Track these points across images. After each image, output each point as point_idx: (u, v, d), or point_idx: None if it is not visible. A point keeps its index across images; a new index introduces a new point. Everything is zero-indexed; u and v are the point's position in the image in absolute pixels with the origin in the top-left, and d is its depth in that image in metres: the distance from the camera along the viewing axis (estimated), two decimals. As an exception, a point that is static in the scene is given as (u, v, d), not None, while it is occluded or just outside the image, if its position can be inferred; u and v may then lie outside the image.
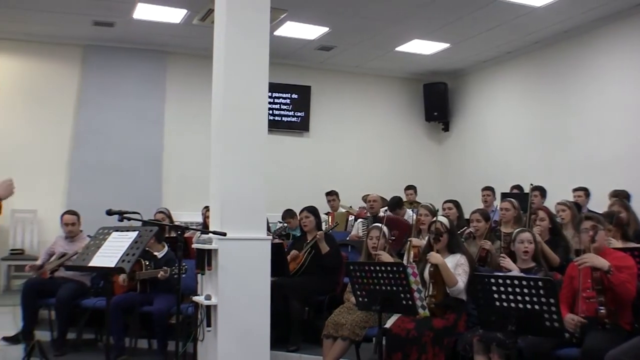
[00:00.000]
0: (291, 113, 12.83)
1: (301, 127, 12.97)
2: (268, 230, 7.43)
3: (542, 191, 9.06)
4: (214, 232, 5.56)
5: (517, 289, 4.14)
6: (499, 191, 9.58)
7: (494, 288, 4.25)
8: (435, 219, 5.88)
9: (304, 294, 7.02)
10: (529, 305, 4.11)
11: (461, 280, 5.41)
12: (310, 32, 11.02)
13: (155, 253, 7.10)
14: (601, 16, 9.89)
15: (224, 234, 5.49)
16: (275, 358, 6.27)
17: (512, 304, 4.18)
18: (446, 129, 13.92)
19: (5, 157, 10.43)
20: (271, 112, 12.04)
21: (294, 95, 12.85)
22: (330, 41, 11.51)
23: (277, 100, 12.61)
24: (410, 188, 11.41)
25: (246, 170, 5.82)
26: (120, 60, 11.57)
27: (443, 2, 9.38)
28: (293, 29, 10.79)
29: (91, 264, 4.75)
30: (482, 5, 9.42)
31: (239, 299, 5.59)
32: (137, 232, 4.81)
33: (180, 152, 11.78)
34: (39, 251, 9.24)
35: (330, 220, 10.07)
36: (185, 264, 5.66)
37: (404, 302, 4.84)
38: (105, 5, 9.58)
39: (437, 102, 13.65)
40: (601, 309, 4.57)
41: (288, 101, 12.78)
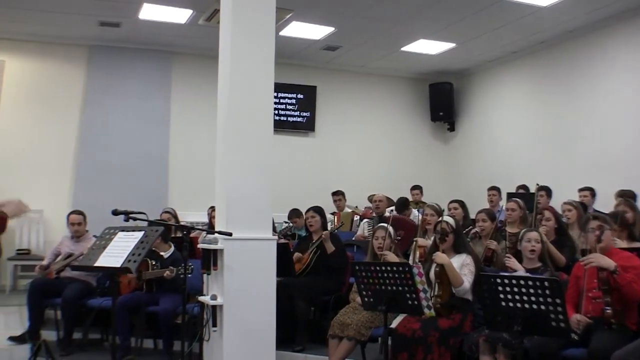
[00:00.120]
0: (297, 113, 12.83)
1: (307, 127, 12.96)
2: (274, 230, 7.42)
3: (548, 191, 9.05)
4: (220, 232, 5.56)
5: (523, 289, 4.14)
6: (504, 191, 9.56)
7: (500, 288, 4.24)
8: (441, 219, 5.88)
9: (309, 294, 7.02)
10: (535, 306, 4.10)
11: (467, 280, 5.40)
12: (315, 32, 11.01)
13: (161, 253, 7.09)
14: (606, 16, 9.86)
15: (230, 234, 5.49)
16: (281, 358, 6.27)
17: (518, 304, 4.17)
18: (452, 128, 13.91)
19: (11, 157, 10.49)
20: (277, 112, 12.06)
21: (300, 96, 12.85)
22: (335, 41, 11.50)
23: (282, 100, 12.61)
24: (417, 188, 11.40)
25: (252, 170, 5.82)
26: (125, 60, 11.59)
27: (449, 2, 9.37)
28: (298, 29, 10.79)
29: (97, 264, 4.75)
30: (487, 5, 9.41)
31: (244, 299, 5.59)
32: (143, 232, 4.82)
33: (186, 152, 11.79)
34: (45, 251, 9.25)
35: (336, 220, 10.07)
36: (192, 264, 5.66)
37: (409, 302, 4.84)
38: (111, 6, 9.60)
39: (443, 102, 13.64)
40: (607, 309, 4.56)
41: (294, 101, 12.78)
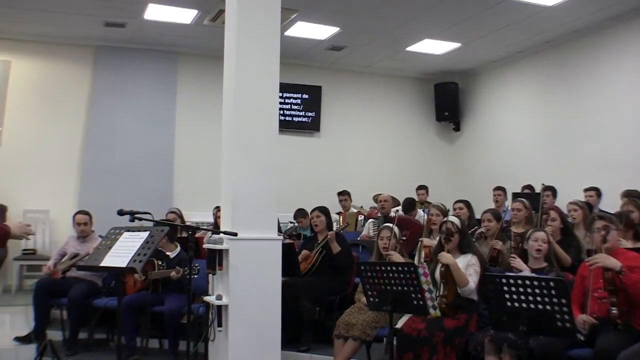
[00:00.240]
0: (302, 113, 12.83)
1: (312, 127, 12.96)
2: (279, 231, 7.43)
3: (553, 191, 9.04)
4: (225, 232, 5.56)
5: (529, 289, 4.13)
6: (510, 191, 9.55)
7: (505, 288, 4.24)
8: (446, 219, 5.87)
9: (315, 294, 7.02)
10: (540, 306, 4.10)
11: (472, 281, 5.40)
12: (320, 32, 11.01)
13: (167, 253, 7.10)
14: (612, 16, 9.84)
15: (235, 234, 5.49)
16: (286, 358, 6.27)
17: (524, 304, 4.17)
18: (457, 128, 13.89)
19: (17, 157, 10.52)
20: (282, 112, 12.07)
21: (305, 96, 12.85)
22: (340, 41, 11.50)
23: (287, 101, 12.61)
24: (422, 188, 11.41)
25: (257, 171, 5.82)
26: (131, 60, 11.61)
27: (454, 1, 9.36)
28: (304, 29, 10.80)
29: (103, 264, 4.76)
30: (492, 4, 9.39)
31: (250, 299, 5.59)
32: (149, 232, 4.82)
33: (191, 152, 11.80)
34: (51, 251, 9.28)
35: (341, 220, 10.07)
36: (197, 264, 5.66)
37: (415, 302, 4.83)
38: (116, 6, 9.61)
39: (448, 102, 13.62)
40: (613, 310, 4.55)
41: (299, 101, 12.79)
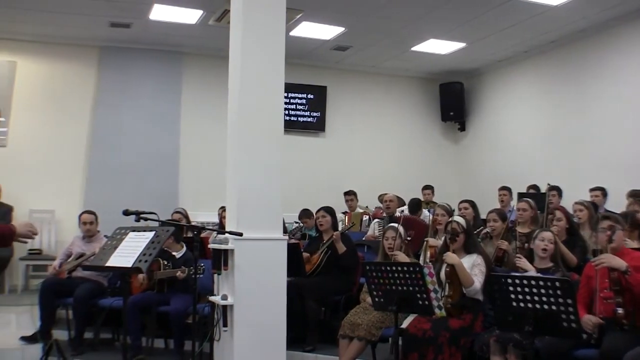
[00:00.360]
0: (307, 113, 12.84)
1: (317, 127, 12.97)
2: (284, 231, 7.43)
3: (558, 191, 9.01)
4: (231, 232, 5.56)
5: (534, 289, 4.12)
6: (515, 191, 9.53)
7: (511, 288, 4.23)
8: (452, 219, 5.87)
9: (320, 294, 7.02)
10: (546, 306, 4.09)
11: (477, 281, 5.39)
12: (325, 32, 11.01)
13: (173, 253, 7.12)
14: (617, 15, 9.81)
15: (240, 234, 5.49)
16: (292, 358, 6.27)
17: (529, 305, 4.16)
18: (462, 128, 13.87)
19: (23, 157, 10.54)
20: (287, 112, 12.05)
21: (310, 96, 12.85)
22: (346, 41, 11.50)
23: (293, 101, 12.62)
24: (428, 188, 11.39)
25: (262, 171, 5.82)
26: (136, 61, 11.63)
27: (459, 1, 9.35)
28: (309, 29, 10.80)
29: (108, 264, 4.75)
30: (497, 4, 9.38)
31: (255, 299, 5.59)
32: (154, 232, 4.81)
33: (196, 152, 11.81)
34: (57, 251, 9.30)
35: (347, 220, 10.06)
36: (203, 264, 5.67)
37: (420, 302, 4.83)
38: (121, 7, 9.63)
39: (453, 101, 13.61)
40: (619, 310, 4.53)
41: (304, 101, 12.79)
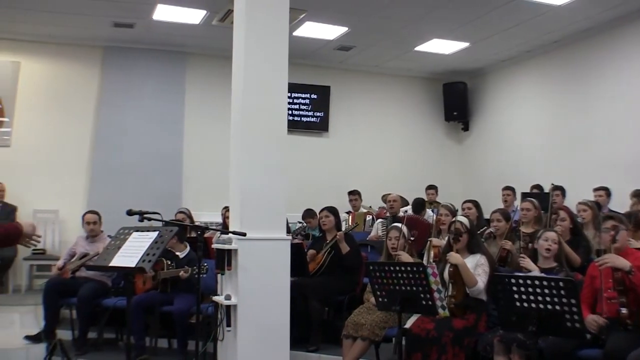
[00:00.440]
0: (310, 113, 12.83)
1: (320, 127, 12.95)
2: (287, 231, 7.43)
3: (562, 191, 9.00)
4: (234, 232, 5.57)
5: (538, 289, 4.12)
6: (519, 191, 9.52)
7: (515, 288, 4.23)
8: (455, 219, 5.86)
9: (323, 294, 7.02)
10: (549, 306, 4.09)
11: (481, 281, 5.38)
12: (329, 32, 11.01)
13: (177, 253, 7.12)
14: (620, 15, 9.79)
15: (244, 234, 5.50)
16: (295, 358, 6.28)
17: (533, 305, 4.15)
18: (466, 128, 13.86)
19: (27, 158, 10.55)
20: (290, 112, 12.06)
21: (313, 96, 12.84)
22: (349, 41, 11.49)
23: (296, 101, 12.61)
24: (432, 188, 11.39)
25: (266, 171, 5.83)
26: (139, 61, 11.63)
27: (462, 1, 9.34)
28: (312, 29, 10.79)
29: (112, 264, 4.76)
30: (501, 4, 9.36)
31: (258, 299, 5.60)
32: (158, 232, 4.82)
33: (200, 152, 11.81)
34: (61, 251, 9.31)
35: (350, 220, 10.06)
36: (206, 264, 5.67)
37: (423, 302, 4.83)
38: (125, 7, 9.63)
39: (457, 101, 13.59)
40: (623, 310, 4.53)
41: (307, 101, 12.78)
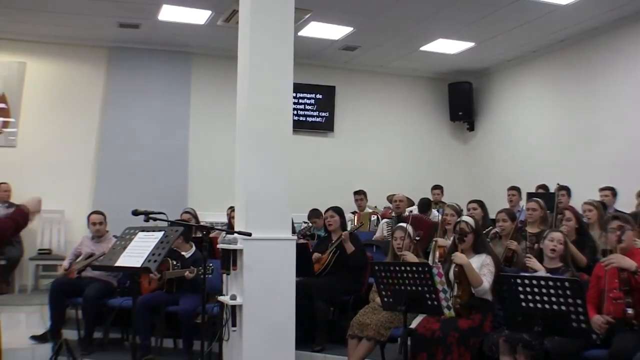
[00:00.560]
0: (316, 113, 12.83)
1: (326, 127, 12.96)
2: (293, 231, 7.43)
3: (568, 191, 8.98)
4: (239, 232, 5.57)
5: (544, 290, 4.11)
6: (524, 191, 9.50)
7: (520, 288, 4.22)
8: (460, 219, 5.86)
9: (329, 294, 7.01)
10: (555, 306, 4.07)
11: (486, 281, 5.37)
12: (334, 32, 11.01)
13: (182, 253, 7.12)
14: (625, 15, 9.78)
15: (249, 234, 5.50)
16: (300, 358, 6.27)
17: (539, 305, 4.14)
18: (471, 128, 13.84)
19: (33, 158, 10.57)
20: (296, 112, 12.04)
21: (319, 96, 12.85)
22: (354, 41, 11.49)
23: (301, 101, 12.62)
24: (437, 188, 11.38)
25: (271, 171, 5.83)
26: (145, 61, 11.65)
27: (467, 1, 9.33)
28: (317, 29, 10.79)
29: (117, 263, 4.77)
30: (506, 4, 9.35)
31: (264, 299, 5.60)
32: (163, 232, 4.83)
33: (205, 152, 11.83)
34: (66, 251, 9.33)
35: (356, 220, 10.05)
36: (211, 264, 5.67)
37: (429, 302, 4.82)
38: (130, 7, 9.65)
39: (462, 101, 13.57)
40: (629, 310, 4.52)
41: (312, 101, 12.79)
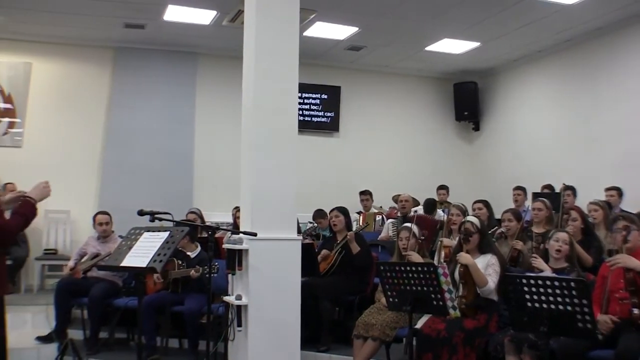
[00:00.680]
0: (321, 113, 12.83)
1: (331, 127, 12.95)
2: (298, 231, 7.43)
3: (573, 191, 8.96)
4: (245, 233, 5.58)
5: (549, 290, 4.11)
6: (530, 191, 9.48)
7: (526, 288, 4.21)
8: (465, 219, 5.85)
9: (334, 294, 7.01)
10: (561, 306, 4.07)
11: (492, 281, 5.36)
12: (339, 32, 11.01)
13: (188, 253, 7.15)
14: (632, 14, 9.75)
15: (255, 234, 5.50)
16: (306, 358, 6.27)
17: (544, 305, 4.14)
18: (477, 128, 13.83)
19: (38, 158, 10.59)
20: (301, 112, 12.06)
21: (324, 96, 12.84)
22: (359, 41, 11.49)
23: (307, 101, 12.62)
24: (443, 188, 11.36)
25: (276, 171, 5.83)
26: (150, 61, 11.67)
27: (473, 1, 9.32)
28: (323, 29, 10.79)
29: (123, 264, 4.77)
30: (512, 3, 9.34)
31: (269, 299, 5.60)
32: (169, 232, 4.83)
33: (211, 152, 11.84)
34: (72, 251, 9.32)
35: (361, 220, 10.05)
36: (217, 263, 5.68)
37: (434, 302, 4.82)
38: (135, 8, 9.66)
39: (468, 101, 13.56)
40: (635, 310, 4.51)
41: (318, 101, 12.78)
